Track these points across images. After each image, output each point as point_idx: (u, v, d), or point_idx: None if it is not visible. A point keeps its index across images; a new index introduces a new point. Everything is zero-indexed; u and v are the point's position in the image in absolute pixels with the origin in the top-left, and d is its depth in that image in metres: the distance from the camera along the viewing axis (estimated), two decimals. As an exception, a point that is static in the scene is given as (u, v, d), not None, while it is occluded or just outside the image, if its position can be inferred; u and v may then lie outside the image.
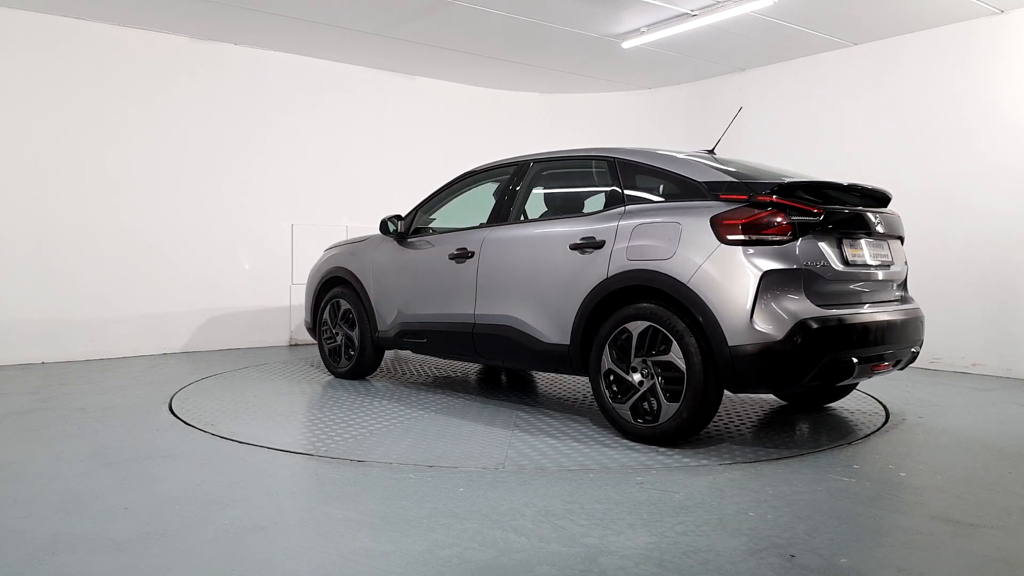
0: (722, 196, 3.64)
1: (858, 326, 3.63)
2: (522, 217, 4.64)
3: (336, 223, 7.79)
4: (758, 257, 3.46)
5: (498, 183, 4.93)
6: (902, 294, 4.21)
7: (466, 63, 7.71)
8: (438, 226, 5.16)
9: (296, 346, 7.49)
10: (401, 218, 5.19)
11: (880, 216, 4.00)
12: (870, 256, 3.87)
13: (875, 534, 2.64)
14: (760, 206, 3.52)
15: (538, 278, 4.22)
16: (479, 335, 4.54)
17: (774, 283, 3.44)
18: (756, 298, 3.40)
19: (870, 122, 6.77)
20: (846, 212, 3.82)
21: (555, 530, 2.64)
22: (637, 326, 3.73)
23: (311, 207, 7.72)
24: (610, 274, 3.85)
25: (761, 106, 7.44)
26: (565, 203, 4.80)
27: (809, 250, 3.54)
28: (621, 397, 3.82)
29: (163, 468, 3.37)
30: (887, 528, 2.71)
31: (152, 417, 4.36)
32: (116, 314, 6.63)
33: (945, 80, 6.28)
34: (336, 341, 5.60)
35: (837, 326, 3.51)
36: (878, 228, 3.94)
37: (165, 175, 6.88)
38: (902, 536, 2.63)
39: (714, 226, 3.55)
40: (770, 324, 3.39)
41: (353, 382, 5.47)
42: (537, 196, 4.83)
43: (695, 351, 3.52)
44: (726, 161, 4.07)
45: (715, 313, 3.45)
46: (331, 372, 5.71)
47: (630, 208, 3.96)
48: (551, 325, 4.14)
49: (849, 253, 3.73)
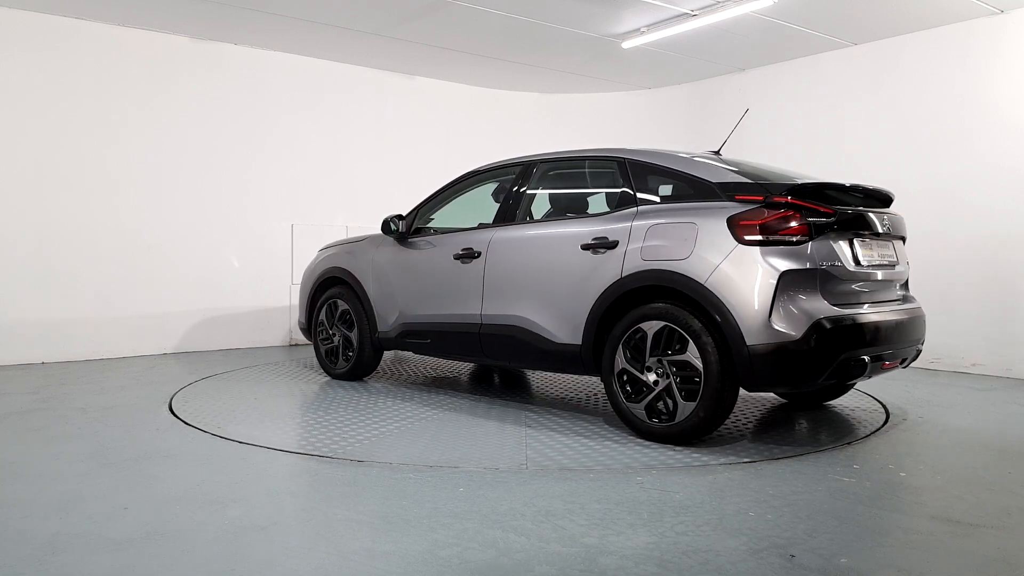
0: (737, 197, 3.67)
1: (870, 325, 3.67)
2: (529, 217, 4.64)
3: (336, 223, 7.80)
4: (775, 257, 3.50)
5: (503, 183, 4.93)
6: (904, 293, 4.28)
7: (466, 63, 7.71)
8: (440, 226, 5.13)
9: (296, 346, 7.49)
10: (403, 217, 5.16)
11: (887, 216, 4.06)
12: (878, 256, 3.94)
13: (875, 534, 2.64)
14: (776, 207, 3.57)
15: (548, 278, 4.22)
16: (486, 335, 4.53)
17: (791, 283, 3.48)
18: (774, 298, 3.45)
19: (870, 122, 6.77)
20: (858, 213, 3.87)
21: (555, 530, 2.64)
22: (652, 326, 3.75)
23: (311, 207, 7.72)
24: (624, 274, 3.86)
25: (761, 106, 7.43)
26: (574, 203, 4.78)
27: (824, 250, 3.60)
28: (635, 397, 3.84)
29: (163, 468, 3.37)
30: (887, 528, 2.71)
31: (152, 417, 4.36)
32: (116, 314, 6.63)
33: (945, 80, 6.28)
34: (333, 342, 5.56)
35: (852, 325, 3.56)
36: (886, 228, 4.00)
37: (165, 175, 6.88)
38: (902, 536, 2.63)
39: (731, 227, 3.58)
40: (788, 323, 3.43)
41: (353, 383, 5.45)
42: (544, 196, 4.82)
43: (712, 350, 3.55)
44: (734, 162, 4.09)
45: (733, 312, 3.48)
46: (328, 373, 5.68)
47: (643, 208, 3.98)
48: (562, 325, 4.14)
49: (860, 253, 3.79)
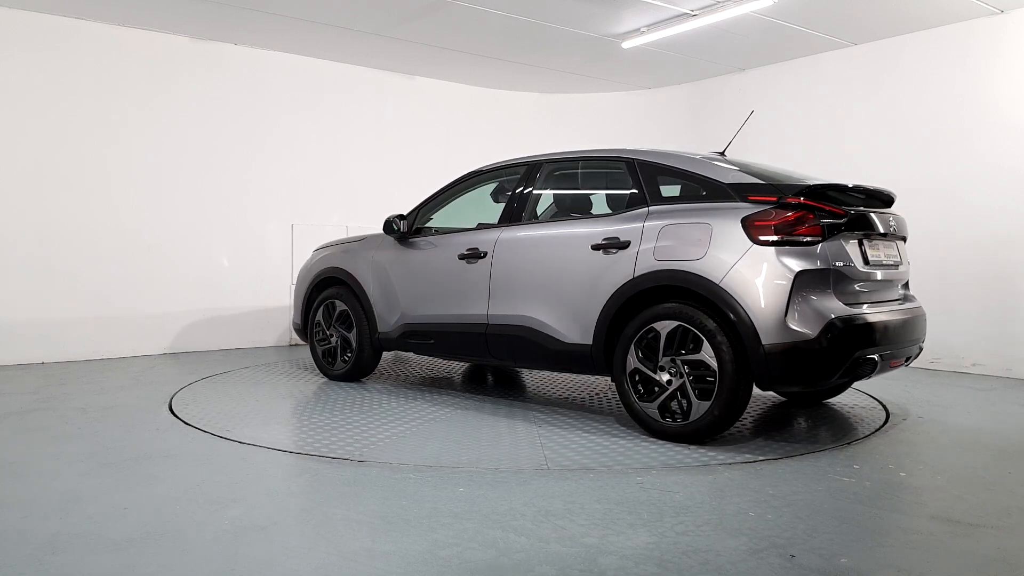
0: (750, 198, 3.71)
1: (880, 324, 3.72)
2: (536, 217, 4.63)
3: (336, 223, 7.79)
4: (790, 257, 3.54)
5: (505, 183, 4.92)
6: (905, 293, 4.33)
7: (466, 63, 7.71)
8: (442, 226, 5.09)
9: (296, 346, 7.49)
10: (404, 217, 5.13)
11: (891, 217, 4.13)
12: (884, 256, 4.00)
13: (875, 534, 2.64)
14: (790, 208, 3.60)
15: (557, 278, 4.21)
16: (492, 336, 4.52)
17: (806, 283, 3.52)
18: (790, 297, 3.49)
19: (870, 122, 6.77)
20: (866, 214, 3.93)
21: (555, 530, 2.64)
22: (665, 325, 3.76)
23: (311, 207, 7.72)
24: (637, 274, 3.87)
25: (761, 106, 7.40)
26: (581, 203, 4.78)
27: (836, 250, 3.65)
28: (648, 396, 3.85)
29: (163, 468, 3.37)
30: (887, 528, 2.71)
31: (152, 417, 4.36)
32: (116, 314, 6.63)
33: (945, 80, 6.28)
34: (331, 343, 5.51)
35: (864, 324, 3.62)
36: (891, 229, 4.07)
37: (165, 175, 6.88)
38: (902, 536, 2.63)
39: (746, 227, 3.61)
40: (804, 323, 3.47)
41: (351, 383, 5.43)
42: (551, 196, 4.81)
43: (727, 350, 3.57)
44: (742, 163, 4.12)
45: (749, 312, 3.51)
46: (324, 374, 5.62)
47: (654, 209, 3.99)
48: (572, 325, 4.14)
49: (869, 253, 3.86)
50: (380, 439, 3.87)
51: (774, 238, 3.55)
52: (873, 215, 3.96)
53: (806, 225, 3.58)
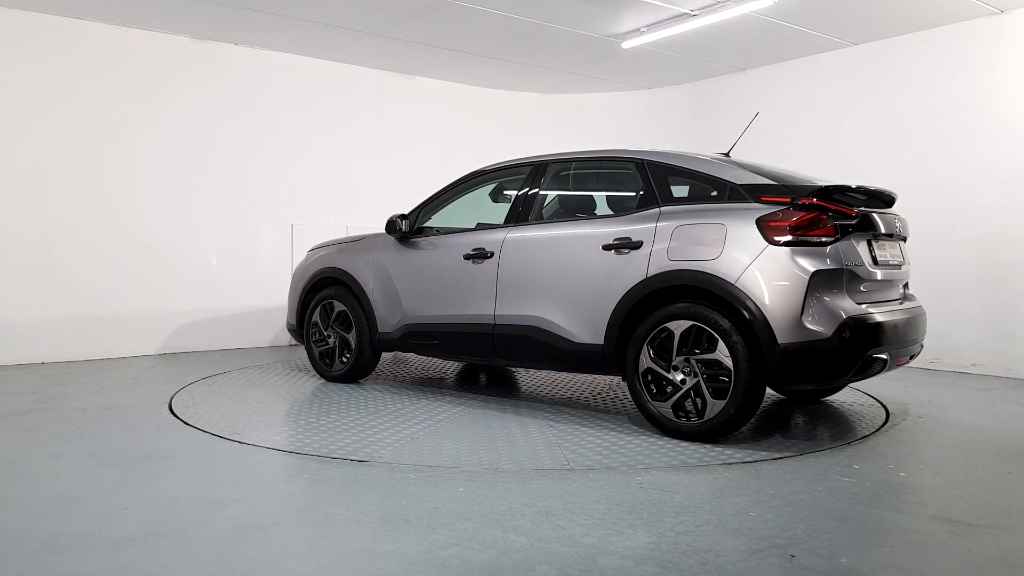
0: (763, 199, 3.75)
1: (889, 323, 3.77)
2: (543, 218, 4.62)
3: (336, 223, 7.79)
4: (805, 257, 3.59)
5: (510, 183, 4.91)
6: (905, 292, 4.38)
7: (466, 63, 7.71)
8: (444, 226, 5.07)
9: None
10: (406, 217, 5.10)
11: (897, 217, 4.20)
12: (889, 256, 4.07)
13: (875, 534, 2.64)
14: (805, 208, 3.65)
15: (567, 278, 4.21)
16: (500, 336, 4.51)
17: (821, 283, 3.57)
18: (806, 297, 3.53)
19: (870, 122, 6.77)
20: (874, 214, 3.97)
21: (555, 530, 2.64)
22: (679, 325, 3.78)
23: (311, 207, 7.72)
24: (650, 274, 3.88)
25: (761, 106, 7.42)
26: (590, 204, 4.78)
27: (848, 251, 3.70)
28: (661, 396, 3.87)
29: (163, 468, 3.37)
30: (887, 528, 2.71)
31: (152, 417, 4.36)
32: (116, 314, 6.63)
33: (945, 80, 6.28)
34: (328, 343, 5.45)
35: (876, 323, 3.67)
36: (895, 229, 4.13)
37: (165, 175, 6.88)
38: (902, 536, 2.63)
39: (761, 227, 3.65)
40: (819, 322, 3.52)
41: (351, 384, 5.41)
42: (559, 196, 4.81)
43: (742, 349, 3.61)
44: (750, 164, 4.14)
45: (765, 312, 3.55)
46: (322, 376, 5.55)
47: (666, 209, 4.00)
48: (582, 325, 4.14)
49: (877, 253, 3.92)
50: (392, 441, 3.85)
51: (789, 238, 3.60)
52: (880, 215, 4.02)
53: (821, 226, 3.63)
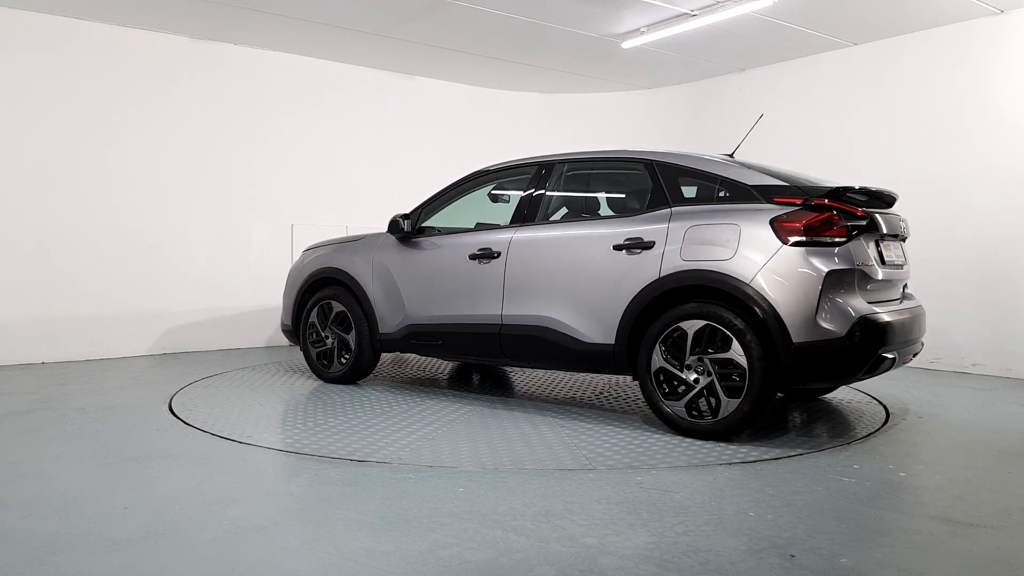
0: (776, 199, 3.80)
1: (897, 322, 3.83)
2: (550, 218, 4.62)
3: (336, 223, 7.79)
4: (819, 258, 3.64)
5: (514, 183, 4.91)
6: (905, 292, 4.42)
7: (466, 63, 7.71)
8: (446, 226, 5.05)
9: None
10: (408, 216, 5.06)
11: (900, 218, 4.27)
12: (894, 256, 4.14)
13: (875, 534, 2.64)
14: (818, 209, 3.69)
15: (578, 278, 4.22)
16: (507, 336, 4.50)
17: (835, 282, 3.63)
18: (820, 297, 3.58)
19: (870, 122, 6.77)
20: (881, 214, 4.03)
21: (555, 530, 2.64)
22: (693, 325, 3.81)
23: (311, 207, 7.72)
24: (663, 274, 3.91)
25: (761, 106, 7.42)
26: (599, 204, 4.78)
27: (859, 251, 3.77)
28: (673, 395, 3.90)
29: (163, 468, 3.37)
30: (887, 528, 2.71)
31: (152, 417, 4.36)
32: (116, 314, 6.63)
33: (945, 80, 6.28)
34: (326, 344, 5.40)
35: (886, 322, 3.72)
36: (901, 229, 4.21)
37: (165, 175, 6.88)
38: (902, 536, 2.63)
39: (775, 228, 3.69)
40: (833, 321, 3.58)
41: (349, 385, 5.39)
42: (567, 197, 4.82)
43: (756, 348, 3.64)
44: (757, 165, 4.17)
45: (779, 311, 3.59)
46: (319, 377, 5.50)
47: (677, 210, 4.03)
48: (593, 325, 4.15)
49: (885, 254, 3.99)
50: (409, 442, 3.82)
51: (803, 239, 3.65)
52: (884, 216, 4.06)
53: (834, 226, 3.68)
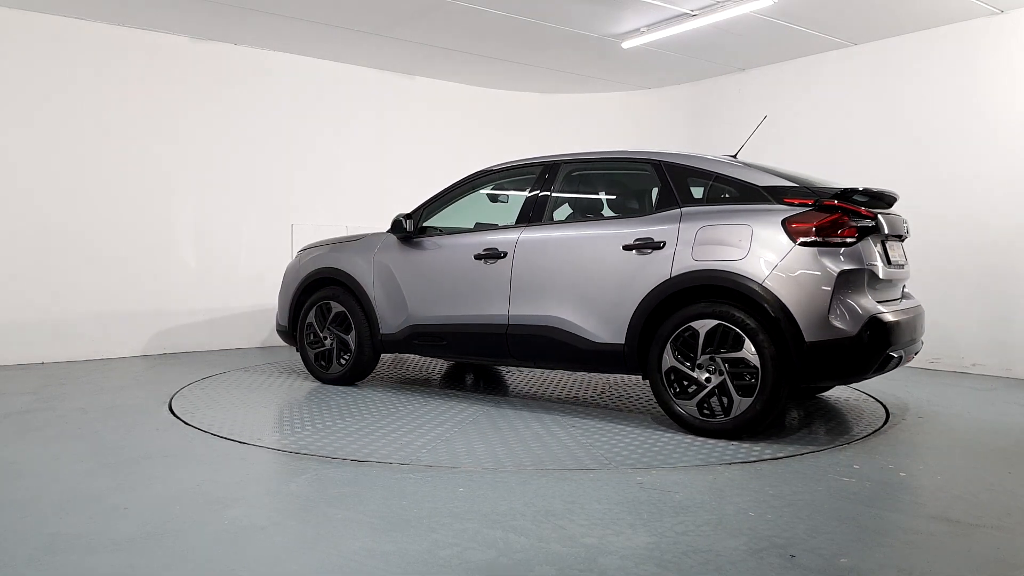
0: (786, 200, 3.84)
1: (903, 322, 3.89)
2: (556, 219, 4.62)
3: (336, 223, 7.79)
4: (831, 258, 3.70)
5: (519, 183, 4.91)
6: (904, 291, 4.46)
7: (466, 63, 7.71)
8: (446, 225, 5.03)
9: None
10: (410, 216, 5.03)
11: (901, 218, 4.32)
12: (898, 256, 4.20)
13: (875, 534, 2.64)
14: (829, 210, 3.74)
15: (587, 279, 4.23)
16: (514, 336, 4.50)
17: (846, 282, 3.69)
18: (832, 296, 3.62)
19: (870, 122, 6.77)
20: (886, 215, 4.07)
21: (555, 530, 2.64)
22: (705, 324, 3.83)
23: (311, 207, 7.72)
24: (674, 274, 3.93)
25: (761, 106, 7.43)
26: (610, 205, 4.78)
27: (868, 251, 3.83)
28: (684, 394, 3.92)
29: (163, 468, 3.37)
30: (887, 528, 2.71)
31: (152, 417, 4.36)
32: (116, 314, 6.63)
33: (945, 80, 6.28)
34: (325, 345, 5.37)
35: (894, 321, 3.77)
36: (902, 230, 4.26)
37: (165, 175, 6.88)
38: (902, 536, 2.63)
39: (787, 228, 3.74)
40: (845, 321, 3.64)
41: (349, 386, 5.36)
42: (574, 197, 4.82)
43: (768, 347, 3.67)
44: (763, 166, 4.19)
45: (792, 311, 3.63)
46: (317, 378, 5.45)
47: (687, 210, 4.05)
48: (603, 325, 4.16)
49: (890, 254, 4.05)
50: (424, 443, 3.81)
51: (816, 239, 3.69)
52: (888, 216, 4.10)
53: (845, 227, 3.73)
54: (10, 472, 3.31)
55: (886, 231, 4.01)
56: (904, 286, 4.44)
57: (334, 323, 5.33)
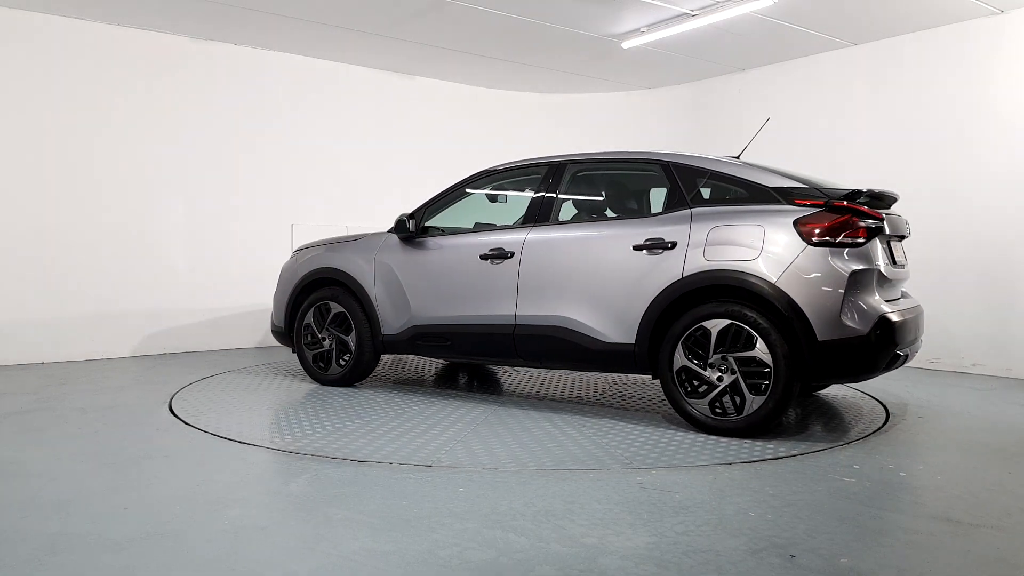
0: (797, 201, 3.89)
1: (908, 321, 3.94)
2: (562, 219, 4.61)
3: (336, 223, 7.79)
4: (842, 258, 3.75)
5: (523, 183, 4.90)
6: (903, 291, 4.47)
7: (466, 63, 7.71)
8: (444, 225, 5.03)
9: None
10: (413, 216, 5.00)
11: (902, 218, 4.36)
12: (901, 256, 4.26)
13: (875, 534, 2.64)
14: (840, 211, 3.79)
15: (597, 279, 4.24)
16: (521, 336, 4.49)
17: (857, 282, 3.74)
18: (844, 296, 3.67)
19: (870, 122, 6.77)
20: (888, 216, 4.10)
21: (555, 530, 2.64)
22: (717, 324, 3.86)
23: (311, 207, 7.72)
24: (685, 274, 3.96)
25: (761, 106, 7.43)
26: (619, 205, 4.79)
27: (876, 252, 3.90)
28: (696, 393, 3.95)
29: (163, 468, 3.37)
30: (887, 528, 2.71)
31: (152, 417, 4.36)
32: (116, 314, 6.63)
33: (945, 80, 6.28)
34: (323, 346, 5.32)
35: (902, 320, 3.84)
36: (904, 230, 4.31)
37: (165, 175, 6.88)
38: (902, 536, 2.63)
39: (799, 229, 3.78)
40: (856, 320, 3.70)
41: (348, 387, 5.32)
42: (581, 197, 4.82)
43: (781, 346, 3.70)
44: (768, 167, 4.21)
45: (805, 310, 3.67)
46: (316, 380, 5.40)
47: (698, 211, 4.08)
48: (613, 325, 4.17)
49: (895, 254, 4.12)
50: (441, 443, 3.80)
51: (827, 239, 3.73)
52: (890, 217, 4.14)
53: (855, 228, 3.77)
54: (10, 472, 3.31)
55: (889, 231, 4.04)
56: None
57: (333, 324, 5.29)
